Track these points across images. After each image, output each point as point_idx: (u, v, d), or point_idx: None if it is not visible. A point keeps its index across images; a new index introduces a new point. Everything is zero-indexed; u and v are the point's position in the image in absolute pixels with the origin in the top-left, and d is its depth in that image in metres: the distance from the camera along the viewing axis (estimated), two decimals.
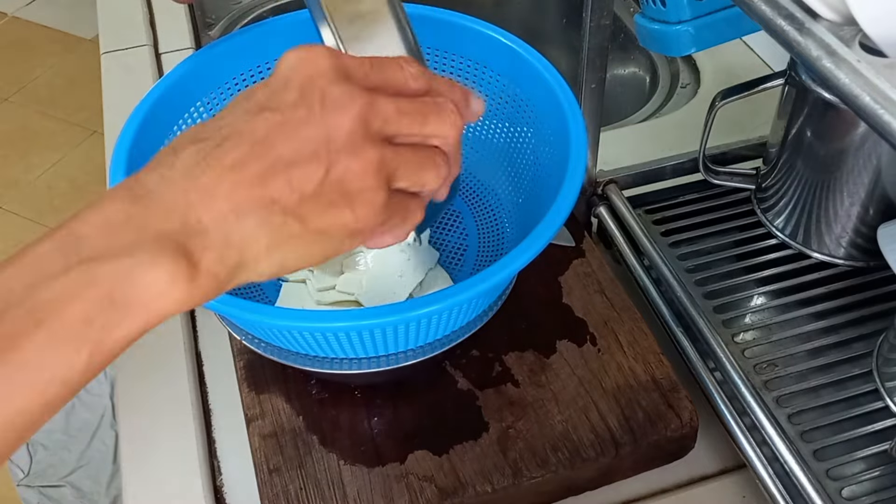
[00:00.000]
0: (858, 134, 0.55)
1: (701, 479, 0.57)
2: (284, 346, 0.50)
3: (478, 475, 0.52)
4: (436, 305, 0.43)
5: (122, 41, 0.96)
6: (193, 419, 0.59)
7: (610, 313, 0.60)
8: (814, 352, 0.58)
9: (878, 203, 0.58)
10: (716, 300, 0.61)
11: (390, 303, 0.52)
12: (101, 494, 0.96)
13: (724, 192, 0.69)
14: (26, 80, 2.37)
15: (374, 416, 0.55)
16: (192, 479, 0.56)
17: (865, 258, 0.62)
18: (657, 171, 0.71)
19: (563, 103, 0.53)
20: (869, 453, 0.52)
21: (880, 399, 0.54)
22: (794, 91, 0.59)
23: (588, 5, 0.57)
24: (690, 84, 0.90)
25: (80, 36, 2.52)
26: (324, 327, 0.44)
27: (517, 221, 0.60)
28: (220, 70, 0.59)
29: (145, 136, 0.53)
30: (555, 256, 0.64)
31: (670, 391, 0.55)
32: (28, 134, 2.20)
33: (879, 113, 0.29)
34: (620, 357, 0.57)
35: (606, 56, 0.61)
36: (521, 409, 0.55)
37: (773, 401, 0.55)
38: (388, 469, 0.52)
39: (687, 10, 0.55)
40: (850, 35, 0.32)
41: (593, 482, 0.55)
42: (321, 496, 0.51)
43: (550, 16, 1.11)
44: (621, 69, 1.00)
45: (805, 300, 0.61)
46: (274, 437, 0.54)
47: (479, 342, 0.58)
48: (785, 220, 0.64)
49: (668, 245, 0.66)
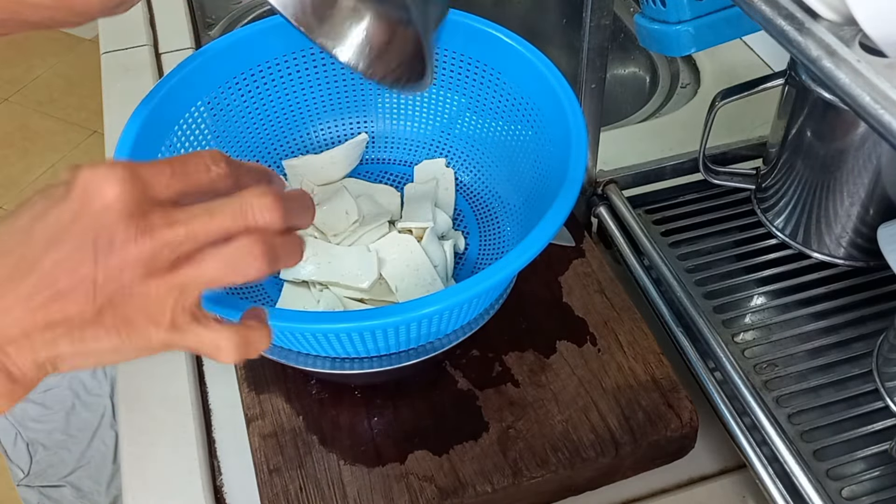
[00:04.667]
0: (858, 134, 0.55)
1: (701, 479, 0.57)
2: (285, 345, 0.50)
3: (478, 475, 0.52)
4: (436, 305, 0.43)
5: (122, 41, 0.96)
6: (193, 419, 0.59)
7: (610, 313, 0.60)
8: (814, 352, 0.58)
9: (878, 203, 0.58)
10: (716, 300, 0.61)
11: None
12: (101, 494, 0.96)
13: (724, 192, 0.69)
14: (26, 80, 2.37)
15: (374, 416, 0.55)
16: (192, 479, 0.56)
17: (865, 258, 0.62)
18: (657, 171, 0.71)
19: (564, 103, 0.53)
20: (869, 453, 0.52)
21: (880, 399, 0.54)
22: (794, 91, 0.59)
23: (588, 5, 0.57)
24: (690, 84, 0.90)
25: (80, 36, 2.51)
26: (324, 328, 0.44)
27: (517, 221, 0.60)
28: (220, 70, 0.59)
29: (146, 137, 0.53)
30: (555, 256, 0.64)
31: (670, 391, 0.55)
32: (28, 134, 2.20)
33: (879, 113, 0.29)
34: (620, 357, 0.57)
35: (606, 56, 0.61)
36: (521, 409, 0.55)
37: (773, 401, 0.55)
38: (388, 469, 0.52)
39: (687, 10, 0.55)
40: (850, 35, 0.32)
41: (593, 482, 0.55)
42: (321, 496, 0.51)
43: (550, 16, 1.11)
44: (621, 69, 1.00)
45: (805, 300, 0.61)
46: (274, 437, 0.54)
47: (479, 342, 0.58)
48: (785, 220, 0.64)
49: (668, 245, 0.66)
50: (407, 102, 0.65)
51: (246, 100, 0.61)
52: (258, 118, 0.63)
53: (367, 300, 0.57)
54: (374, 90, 0.65)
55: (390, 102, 0.66)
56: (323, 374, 0.55)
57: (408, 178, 0.65)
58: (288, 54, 0.61)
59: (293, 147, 0.65)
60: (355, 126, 0.66)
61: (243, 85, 0.61)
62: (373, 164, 0.67)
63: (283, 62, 0.61)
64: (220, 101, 0.60)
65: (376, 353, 0.50)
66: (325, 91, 0.64)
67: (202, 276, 0.33)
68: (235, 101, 0.61)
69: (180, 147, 0.57)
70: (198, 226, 0.33)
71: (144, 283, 0.32)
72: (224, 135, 0.61)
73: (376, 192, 0.63)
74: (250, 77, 0.61)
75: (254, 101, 0.62)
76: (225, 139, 0.61)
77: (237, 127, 0.62)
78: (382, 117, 0.66)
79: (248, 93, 0.61)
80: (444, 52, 0.61)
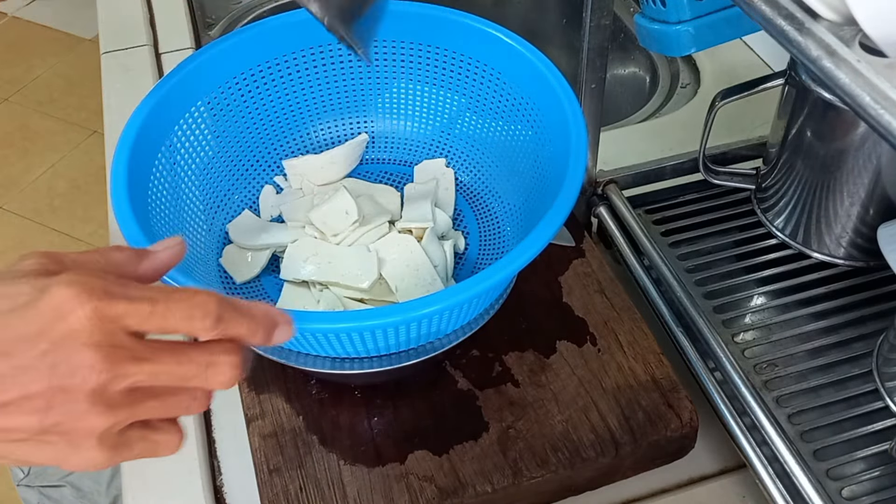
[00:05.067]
0: (858, 134, 0.55)
1: (701, 479, 0.57)
2: (285, 345, 0.50)
3: (478, 475, 0.52)
4: (436, 305, 0.43)
5: (122, 41, 0.96)
6: (193, 419, 0.59)
7: (610, 313, 0.60)
8: (814, 352, 0.58)
9: (878, 203, 0.58)
10: (716, 300, 0.61)
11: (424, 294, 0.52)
12: (101, 494, 0.96)
13: (724, 192, 0.69)
14: (26, 80, 2.37)
15: (374, 416, 0.55)
16: (192, 479, 0.56)
17: (865, 258, 0.62)
18: (657, 171, 0.71)
19: (564, 103, 0.53)
20: (869, 453, 0.52)
21: (880, 399, 0.54)
22: (794, 91, 0.59)
23: (588, 5, 0.57)
24: (690, 84, 0.90)
25: (80, 36, 2.52)
26: (324, 328, 0.44)
27: (517, 221, 0.60)
28: (220, 70, 0.59)
29: (146, 137, 0.53)
30: (555, 256, 0.64)
31: (670, 391, 0.55)
32: (28, 134, 2.20)
33: (879, 113, 0.29)
34: (620, 357, 0.57)
35: (606, 56, 0.61)
36: (521, 409, 0.55)
37: (773, 401, 0.55)
38: (388, 469, 0.52)
39: (687, 10, 0.55)
40: (850, 35, 0.32)
41: (593, 482, 0.55)
42: (321, 496, 0.51)
43: (550, 16, 1.11)
44: (621, 69, 1.00)
45: (805, 300, 0.61)
46: (274, 437, 0.54)
47: (479, 342, 0.58)
48: (785, 220, 0.64)
49: (668, 245, 0.66)
50: (407, 102, 0.65)
51: (246, 100, 0.61)
52: (258, 118, 0.63)
53: (367, 300, 0.57)
54: (374, 90, 0.65)
55: (390, 102, 0.66)
56: (323, 374, 0.55)
57: (408, 178, 0.65)
58: (288, 54, 0.61)
59: (293, 147, 0.65)
60: (355, 126, 0.66)
61: (243, 85, 0.61)
62: (373, 164, 0.67)
63: (283, 62, 0.62)
64: (220, 101, 0.60)
65: (376, 353, 0.50)
66: (325, 91, 0.64)
67: (150, 411, 0.33)
68: (235, 101, 0.61)
69: (180, 147, 0.57)
70: (161, 369, 0.33)
71: (95, 411, 0.31)
72: (224, 135, 0.61)
73: (376, 192, 0.63)
74: (250, 77, 0.61)
75: (254, 101, 0.62)
76: (225, 139, 0.61)
77: (237, 127, 0.62)
78: (382, 117, 0.66)
79: (248, 93, 0.61)
80: (445, 51, 0.61)
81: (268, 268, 0.60)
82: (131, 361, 0.32)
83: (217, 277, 0.58)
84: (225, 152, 0.61)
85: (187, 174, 0.58)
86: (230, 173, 0.62)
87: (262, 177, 0.64)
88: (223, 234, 0.61)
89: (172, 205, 0.55)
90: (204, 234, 0.59)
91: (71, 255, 0.34)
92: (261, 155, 0.64)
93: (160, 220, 0.53)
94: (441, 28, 0.60)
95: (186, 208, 0.57)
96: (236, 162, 0.63)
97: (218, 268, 0.59)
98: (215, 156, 0.61)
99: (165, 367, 0.33)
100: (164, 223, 0.54)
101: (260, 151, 0.64)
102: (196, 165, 0.59)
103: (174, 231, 0.55)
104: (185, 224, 0.57)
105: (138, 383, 0.32)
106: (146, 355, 0.32)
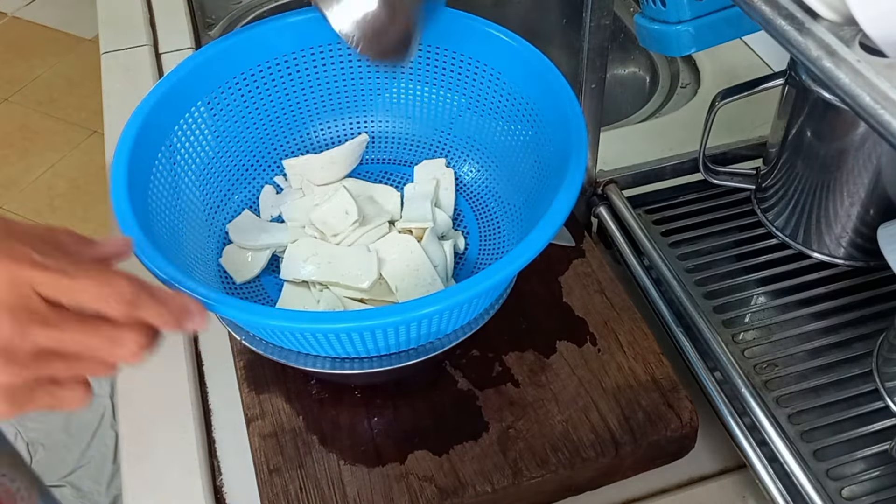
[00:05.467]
0: (858, 134, 0.55)
1: (701, 479, 0.57)
2: (285, 345, 0.50)
3: (478, 475, 0.52)
4: (436, 306, 0.43)
5: (122, 41, 0.96)
6: (193, 419, 0.59)
7: (610, 313, 0.60)
8: (814, 352, 0.58)
9: (878, 203, 0.58)
10: (716, 300, 0.61)
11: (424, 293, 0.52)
12: (101, 494, 0.96)
13: (724, 192, 0.69)
14: (26, 80, 2.37)
15: (374, 416, 0.55)
16: (192, 479, 0.56)
17: (865, 258, 0.62)
18: (657, 171, 0.71)
19: (564, 103, 0.53)
20: (869, 453, 0.52)
21: (880, 399, 0.54)
22: (794, 91, 0.59)
23: (588, 5, 0.57)
24: (690, 84, 0.90)
25: (80, 36, 2.52)
26: (324, 328, 0.44)
27: (517, 221, 0.60)
28: (220, 70, 0.59)
29: (146, 137, 0.53)
30: (555, 256, 0.64)
31: (670, 391, 0.55)
32: (28, 134, 2.20)
33: (879, 113, 0.29)
34: (620, 357, 0.57)
35: (606, 56, 0.61)
36: (521, 409, 0.55)
37: (773, 401, 0.55)
38: (388, 469, 0.52)
39: (687, 10, 0.55)
40: (850, 35, 0.32)
41: (593, 482, 0.55)
42: (321, 496, 0.51)
43: (550, 16, 1.11)
44: (621, 69, 1.00)
45: (805, 300, 0.61)
46: (274, 437, 0.54)
47: (479, 342, 0.58)
48: (785, 220, 0.64)
49: (668, 245, 0.66)
50: (407, 102, 0.65)
51: (246, 100, 0.61)
52: (258, 118, 0.63)
53: (367, 300, 0.57)
54: (374, 90, 0.65)
55: (390, 103, 0.66)
56: (323, 374, 0.55)
57: (408, 178, 0.65)
58: (288, 54, 0.61)
59: (293, 147, 0.65)
60: (355, 126, 0.66)
61: (243, 85, 0.61)
62: (373, 164, 0.67)
63: (283, 62, 0.61)
64: (220, 101, 0.60)
65: (376, 353, 0.50)
66: (325, 91, 0.64)
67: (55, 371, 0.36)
68: (235, 101, 0.61)
69: (180, 147, 0.57)
70: (67, 336, 0.35)
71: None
72: (224, 135, 0.61)
73: (376, 192, 0.63)
74: (250, 77, 0.61)
75: (254, 101, 0.62)
76: (225, 139, 0.61)
77: (237, 127, 0.62)
78: (382, 117, 0.66)
79: (248, 93, 0.61)
80: (445, 51, 0.61)
81: (268, 268, 0.60)
82: (39, 325, 0.34)
83: (217, 277, 0.58)
84: (225, 152, 0.61)
85: (187, 174, 0.58)
86: (230, 173, 0.62)
87: (262, 177, 0.64)
88: (223, 234, 0.61)
89: (172, 205, 0.55)
90: (204, 234, 0.59)
91: (12, 223, 0.37)
92: (261, 155, 0.64)
93: (160, 220, 0.53)
94: (441, 28, 0.60)
95: (186, 208, 0.57)
96: (236, 162, 0.63)
97: (218, 268, 0.59)
98: (215, 156, 0.61)
99: (71, 336, 0.35)
100: (164, 223, 0.54)
101: (260, 151, 0.64)
102: (196, 165, 0.59)
103: (174, 231, 0.55)
104: (185, 224, 0.57)
105: (44, 345, 0.35)
106: (55, 322, 0.35)
